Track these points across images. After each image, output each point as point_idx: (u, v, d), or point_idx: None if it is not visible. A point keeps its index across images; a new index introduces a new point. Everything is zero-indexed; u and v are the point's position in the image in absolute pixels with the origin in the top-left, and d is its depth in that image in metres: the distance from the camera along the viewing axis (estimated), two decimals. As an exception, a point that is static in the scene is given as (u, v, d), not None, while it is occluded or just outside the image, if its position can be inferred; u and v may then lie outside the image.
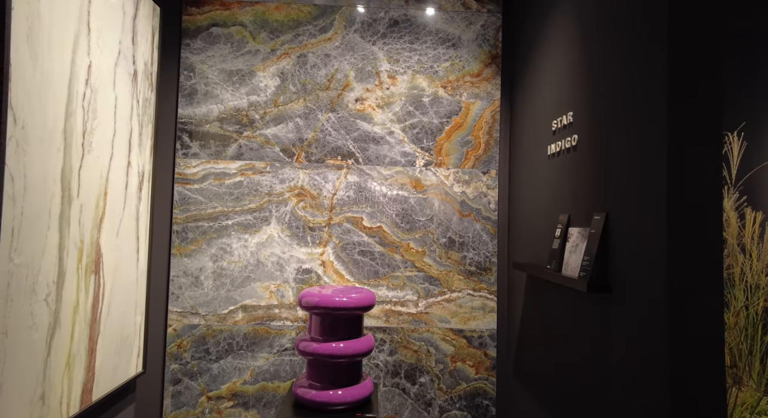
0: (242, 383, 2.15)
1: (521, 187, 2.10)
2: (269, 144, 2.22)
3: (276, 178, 2.21)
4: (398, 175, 2.24)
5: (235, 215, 2.19)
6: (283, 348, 2.17)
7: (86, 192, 1.52)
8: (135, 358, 1.89)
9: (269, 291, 2.18)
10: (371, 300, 1.73)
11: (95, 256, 1.58)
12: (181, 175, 2.19)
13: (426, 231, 2.23)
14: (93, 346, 1.58)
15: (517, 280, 2.09)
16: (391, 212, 2.23)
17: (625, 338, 1.21)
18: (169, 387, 2.14)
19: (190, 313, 2.16)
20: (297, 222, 2.21)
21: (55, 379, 1.39)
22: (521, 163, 2.11)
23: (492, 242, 2.24)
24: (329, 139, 2.24)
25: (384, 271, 2.22)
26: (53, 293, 1.36)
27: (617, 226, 1.27)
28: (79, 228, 1.48)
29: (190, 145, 2.20)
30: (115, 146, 1.70)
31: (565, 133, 1.62)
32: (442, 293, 2.22)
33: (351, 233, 2.22)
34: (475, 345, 2.21)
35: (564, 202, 1.62)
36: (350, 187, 2.23)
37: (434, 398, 2.19)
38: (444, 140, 2.26)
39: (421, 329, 2.21)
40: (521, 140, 2.13)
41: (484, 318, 2.22)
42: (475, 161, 2.26)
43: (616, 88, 1.30)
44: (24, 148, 1.22)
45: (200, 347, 2.15)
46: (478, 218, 2.24)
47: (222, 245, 2.18)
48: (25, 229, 1.23)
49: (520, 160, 2.13)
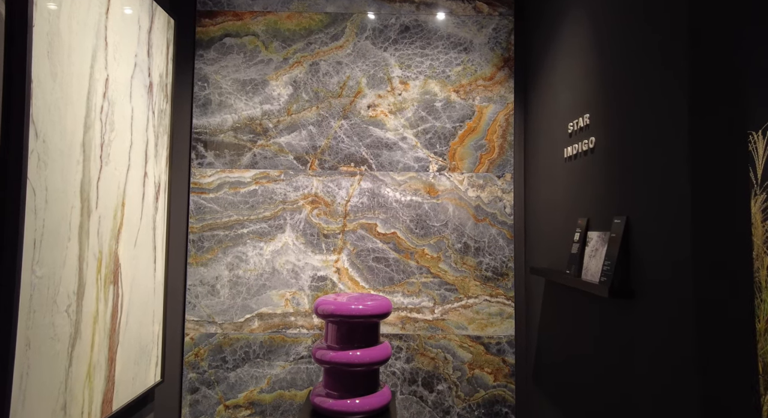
0: (259, 392, 2.15)
1: (537, 190, 2.07)
2: (283, 152, 2.23)
3: (290, 186, 2.22)
4: (412, 181, 2.23)
5: (250, 224, 2.20)
6: (300, 356, 2.17)
7: (104, 203, 1.54)
8: (153, 367, 1.90)
9: (285, 299, 2.18)
10: (387, 307, 1.71)
11: (114, 266, 1.59)
12: (197, 185, 2.21)
13: (441, 237, 2.22)
14: (112, 356, 1.60)
15: (536, 285, 2.06)
16: (405, 217, 2.22)
17: (649, 346, 1.18)
18: (187, 396, 2.14)
19: (206, 321, 2.17)
20: (311, 229, 2.21)
21: (76, 389, 1.40)
22: (537, 166, 2.08)
23: (508, 246, 2.21)
24: (342, 146, 2.24)
25: (399, 277, 2.21)
26: (74, 304, 1.37)
27: (639, 229, 1.24)
28: (98, 239, 1.50)
29: (205, 154, 2.22)
30: (132, 157, 1.72)
31: (582, 135, 1.60)
32: (458, 300, 2.20)
33: (365, 240, 2.22)
34: (493, 352, 2.18)
35: (582, 206, 1.60)
36: (364, 194, 2.23)
37: (452, 406, 2.16)
38: (457, 145, 2.24)
39: (437, 336, 2.19)
40: (536, 143, 2.11)
41: (502, 324, 2.19)
42: (489, 165, 2.24)
43: (635, 89, 1.28)
44: (45, 162, 1.24)
45: (217, 355, 2.16)
46: (493, 222, 2.22)
47: (237, 254, 2.19)
48: (47, 241, 1.25)
49: (536, 164, 2.10)
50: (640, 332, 1.21)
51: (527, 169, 2.21)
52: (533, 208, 2.13)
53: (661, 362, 1.13)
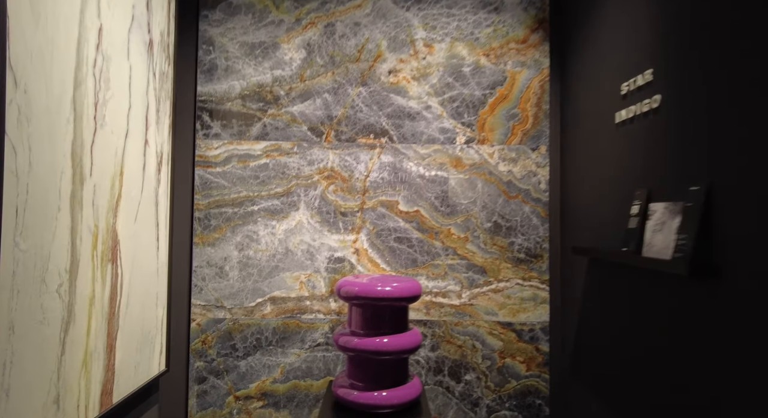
0: (272, 382, 1.99)
1: (578, 163, 1.88)
2: (296, 122, 2.04)
3: (304, 159, 2.03)
4: (437, 154, 2.04)
5: (261, 200, 2.02)
6: (316, 343, 2.00)
7: (100, 171, 1.35)
8: (157, 355, 1.74)
9: (299, 282, 2.01)
10: (417, 290, 1.54)
11: (111, 243, 1.42)
12: (202, 158, 2.02)
13: (468, 215, 2.03)
14: (112, 342, 1.43)
15: (575, 267, 1.88)
16: (429, 194, 2.04)
17: (738, 335, 0.99)
18: (194, 386, 1.99)
19: (214, 306, 2.00)
20: (327, 207, 2.03)
21: (70, 379, 1.23)
22: (577, 136, 1.89)
23: (543, 225, 2.03)
24: (360, 116, 2.04)
25: (423, 259, 2.03)
26: (66, 284, 1.20)
27: (724, 197, 1.05)
28: (93, 211, 1.32)
29: (211, 125, 2.03)
30: (131, 122, 1.53)
31: (641, 95, 1.40)
32: (487, 283, 2.02)
33: (386, 218, 2.03)
34: (526, 339, 2.01)
35: (640, 175, 1.41)
36: (384, 168, 2.04)
37: (481, 398, 2.00)
38: (487, 114, 2.05)
39: (465, 323, 2.01)
40: (576, 111, 1.91)
41: (535, 310, 2.01)
42: (522, 137, 2.04)
43: (713, 35, 1.08)
44: (27, 116, 1.05)
45: (226, 342, 1.99)
46: (526, 199, 2.03)
47: (248, 233, 2.02)
48: (32, 209, 1.07)
49: (575, 134, 1.91)
50: (727, 317, 1.03)
51: (564, 141, 2.02)
52: (572, 182, 1.94)
53: (756, 353, 0.95)
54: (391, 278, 1.63)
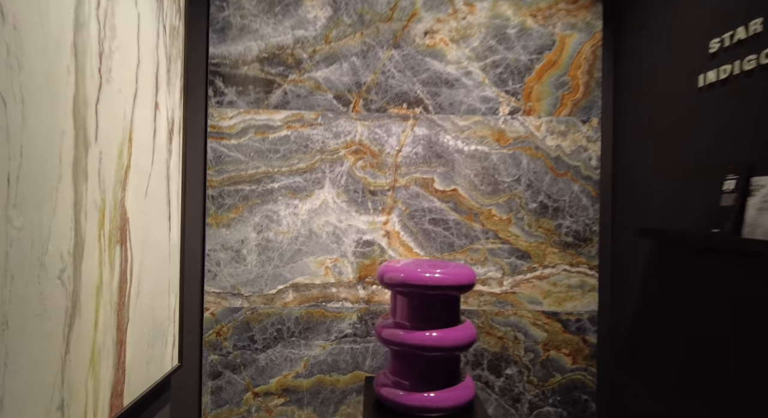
0: (294, 377, 1.81)
1: (638, 135, 1.69)
2: (320, 90, 1.82)
3: (329, 131, 1.82)
4: (477, 126, 1.84)
5: (282, 177, 1.81)
6: (342, 334, 1.82)
7: (106, 135, 1.14)
8: (170, 349, 1.55)
9: (325, 267, 1.82)
10: (470, 277, 1.35)
11: (120, 221, 1.21)
12: (215, 129, 1.80)
13: (512, 194, 1.84)
14: (122, 336, 1.23)
15: (632, 251, 1.70)
16: (468, 171, 1.84)
17: None
18: (207, 382, 1.80)
19: (230, 294, 1.80)
20: (355, 185, 1.83)
21: (76, 381, 1.03)
22: (637, 106, 1.69)
23: (593, 206, 1.84)
24: (392, 83, 1.83)
25: (461, 243, 1.84)
26: (69, 269, 0.99)
27: None
28: (99, 182, 1.11)
29: (225, 91, 1.81)
30: (140, 81, 1.31)
31: (741, 51, 1.21)
32: (531, 269, 1.84)
33: (420, 198, 1.84)
34: (572, 330, 1.84)
35: (733, 147, 1.22)
36: (418, 142, 1.84)
37: (523, 393, 1.83)
38: (534, 82, 1.84)
39: (506, 312, 1.84)
40: (635, 79, 1.71)
41: (583, 298, 1.84)
42: (572, 108, 1.84)
43: None
44: (18, 59, 0.83)
45: (244, 334, 1.80)
46: (576, 177, 1.84)
47: (267, 213, 1.81)
48: (28, 177, 0.86)
49: (635, 104, 1.71)
50: None
51: (619, 112, 1.82)
52: (629, 158, 1.75)
53: None
54: (440, 263, 1.45)
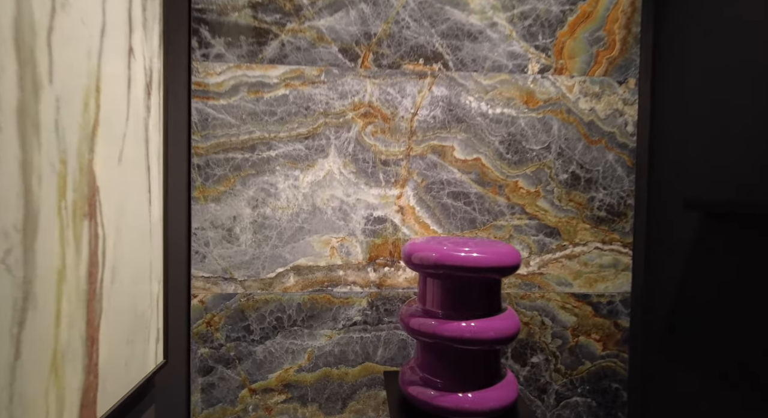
0: (297, 371, 1.60)
1: (683, 97, 1.50)
2: (323, 41, 1.57)
3: (334, 90, 1.58)
4: (503, 86, 1.62)
5: (280, 144, 1.57)
6: (351, 322, 1.61)
7: (65, 78, 0.88)
8: (153, 344, 1.31)
9: (330, 247, 1.60)
10: (515, 257, 1.14)
11: (88, 190, 0.96)
12: (201, 86, 1.54)
13: (541, 164, 1.64)
14: (93, 333, 0.99)
15: (672, 225, 1.53)
16: (493, 138, 1.63)
17: None
18: (197, 379, 1.57)
19: (221, 278, 1.57)
20: (364, 153, 1.60)
21: (32, 394, 0.80)
22: (682, 65, 1.50)
23: (628, 177, 1.66)
24: (407, 35, 1.59)
25: (483, 219, 1.64)
26: (17, 250, 0.75)
27: None
28: (57, 138, 0.85)
29: (211, 42, 1.54)
30: (109, 13, 1.04)
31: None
32: (561, 248, 1.66)
33: (438, 168, 1.62)
34: (603, 313, 1.67)
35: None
36: (437, 104, 1.61)
37: (550, 383, 1.67)
38: (566, 36, 1.63)
39: (533, 295, 1.66)
40: (681, 30, 1.51)
41: (616, 279, 1.67)
42: (608, 66, 1.64)
43: None
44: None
45: (238, 323, 1.58)
46: (610, 144, 1.65)
47: (263, 185, 1.57)
48: (-55, 117, 0.61)
49: (678, 63, 1.52)
50: None
51: (659, 72, 1.63)
52: (669, 123, 1.56)
53: None
54: (475, 241, 1.24)
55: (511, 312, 1.18)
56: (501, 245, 1.18)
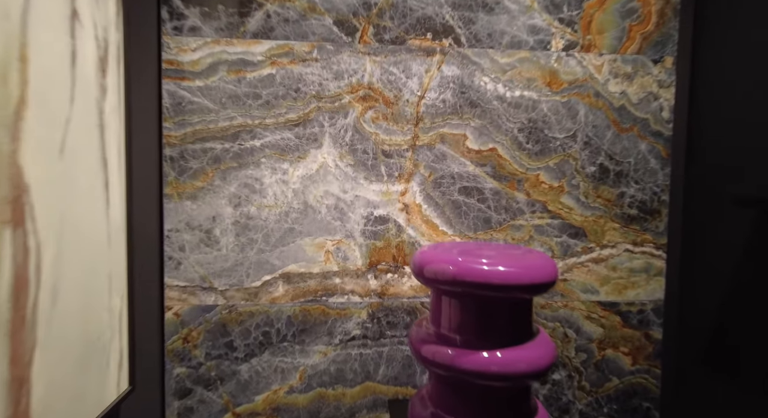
0: (287, 392, 1.40)
1: (726, 79, 1.30)
2: (315, 12, 1.35)
3: (328, 70, 1.36)
4: (523, 65, 1.41)
5: (266, 132, 1.35)
6: (349, 336, 1.41)
7: (-30, 40, 0.66)
8: (115, 370, 1.11)
9: (325, 251, 1.39)
10: (551, 272, 0.94)
11: (11, 190, 0.74)
12: (173, 64, 1.32)
13: (565, 155, 1.44)
14: (22, 372, 0.78)
15: (715, 224, 1.33)
16: (511, 125, 1.42)
17: None
18: (173, 403, 1.37)
19: (200, 288, 1.36)
20: (364, 143, 1.39)
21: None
22: (725, 40, 1.30)
23: (663, 170, 1.46)
24: (412, 4, 1.37)
25: (499, 218, 1.44)
26: None
27: None
28: (-44, 120, 0.64)
29: (185, 13, 1.31)
30: (39, -36, 0.82)
31: None
32: (587, 250, 1.46)
33: (447, 160, 1.41)
34: (633, 324, 1.49)
35: None
36: (447, 86, 1.40)
37: (572, 402, 1.48)
38: (595, 9, 1.42)
39: (555, 304, 1.46)
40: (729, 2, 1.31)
41: (648, 285, 1.48)
42: (641, 43, 1.43)
43: None
44: None
45: (219, 339, 1.37)
46: (643, 133, 1.45)
47: (246, 180, 1.35)
48: None
49: (723, 37, 1.32)
50: None
51: (700, 49, 1.42)
52: (711, 109, 1.36)
53: None
54: (497, 247, 1.04)
55: (544, 337, 0.98)
56: (531, 255, 0.98)
